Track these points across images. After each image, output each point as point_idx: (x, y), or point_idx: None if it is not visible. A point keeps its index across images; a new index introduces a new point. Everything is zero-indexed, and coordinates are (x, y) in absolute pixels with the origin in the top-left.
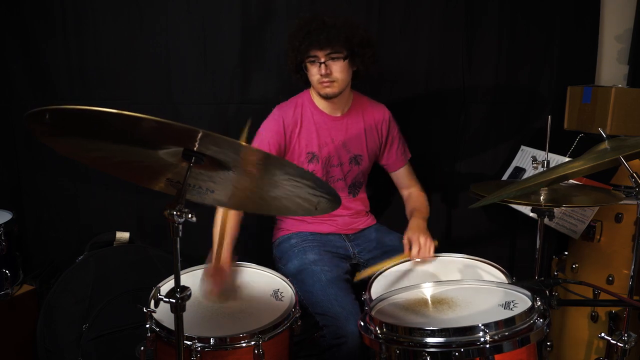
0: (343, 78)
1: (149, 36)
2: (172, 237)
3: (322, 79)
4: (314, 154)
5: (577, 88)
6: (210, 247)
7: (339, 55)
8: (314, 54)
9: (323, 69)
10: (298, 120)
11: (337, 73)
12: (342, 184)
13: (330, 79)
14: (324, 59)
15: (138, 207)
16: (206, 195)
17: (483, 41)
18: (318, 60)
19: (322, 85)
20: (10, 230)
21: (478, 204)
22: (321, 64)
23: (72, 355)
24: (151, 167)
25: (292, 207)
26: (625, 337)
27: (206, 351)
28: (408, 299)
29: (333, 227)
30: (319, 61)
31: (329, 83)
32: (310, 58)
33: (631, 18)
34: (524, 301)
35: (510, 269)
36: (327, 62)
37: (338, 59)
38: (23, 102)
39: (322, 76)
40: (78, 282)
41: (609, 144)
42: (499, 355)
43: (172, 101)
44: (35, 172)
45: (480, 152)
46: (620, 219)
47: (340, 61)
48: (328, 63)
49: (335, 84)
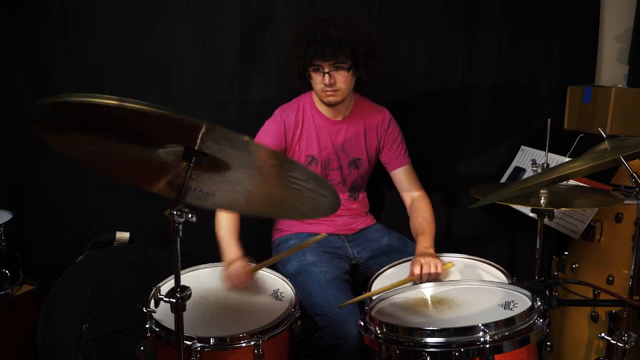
0: (346, 87)
1: (149, 36)
2: (173, 237)
3: (325, 88)
4: (314, 157)
5: (577, 88)
6: (211, 247)
7: (343, 65)
8: (318, 64)
9: (327, 79)
10: (299, 123)
11: (340, 83)
12: (341, 187)
13: (334, 88)
14: (328, 69)
15: (138, 207)
16: (207, 199)
17: (483, 41)
18: (322, 70)
19: (326, 94)
20: (10, 230)
21: (478, 204)
22: (325, 73)
23: (72, 355)
24: (151, 168)
25: (291, 211)
26: (625, 337)
27: (206, 351)
28: (408, 299)
29: (332, 228)
30: (323, 71)
31: (332, 92)
32: (314, 67)
33: (631, 18)
34: (524, 301)
35: (510, 269)
36: (332, 72)
37: (342, 69)
38: (23, 102)
39: (325, 85)
40: (78, 282)
41: (609, 144)
42: (499, 355)
43: (172, 101)
44: (35, 172)
45: (480, 152)
46: (620, 219)
47: (344, 71)
48: (332, 73)
49: (338, 93)
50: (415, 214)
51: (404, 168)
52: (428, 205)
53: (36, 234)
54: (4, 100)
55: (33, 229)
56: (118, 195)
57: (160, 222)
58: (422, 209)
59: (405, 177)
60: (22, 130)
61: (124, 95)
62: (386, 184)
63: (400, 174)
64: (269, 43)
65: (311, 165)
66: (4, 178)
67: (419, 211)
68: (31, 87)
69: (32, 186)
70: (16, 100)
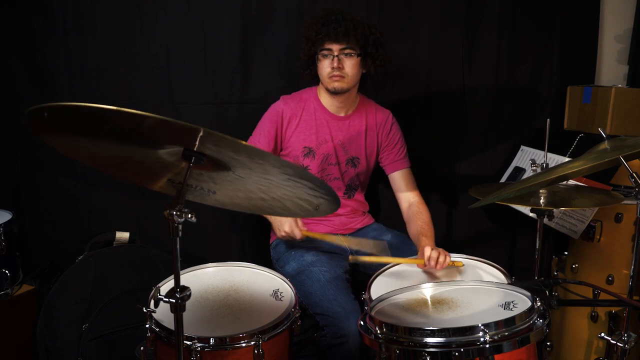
0: (353, 75)
1: (149, 36)
2: (172, 237)
3: (332, 72)
4: (311, 149)
5: (577, 88)
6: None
7: (352, 52)
8: (329, 47)
9: (335, 62)
10: (298, 113)
11: (348, 69)
12: (339, 183)
13: (341, 73)
14: (337, 53)
15: (138, 207)
16: (208, 197)
17: (483, 41)
18: (331, 53)
19: (332, 79)
20: (10, 230)
21: (478, 204)
22: (334, 57)
23: (72, 355)
24: (151, 167)
25: (292, 208)
26: (625, 337)
27: (206, 351)
28: (408, 299)
29: (330, 228)
30: (332, 54)
31: (339, 77)
32: (324, 51)
33: (631, 18)
34: (523, 301)
35: (510, 269)
36: (340, 57)
37: (351, 55)
38: (23, 102)
39: (333, 69)
40: (78, 282)
41: (609, 144)
42: (498, 355)
43: (172, 101)
44: (35, 172)
45: (480, 152)
46: (620, 219)
47: (353, 57)
48: (341, 57)
49: (344, 80)
50: (415, 218)
51: (402, 171)
52: (426, 210)
53: (36, 234)
54: (4, 100)
55: (33, 229)
56: (118, 195)
57: (160, 222)
58: (422, 213)
59: (403, 181)
60: (22, 130)
61: (124, 95)
62: (383, 184)
63: (399, 177)
64: (269, 43)
65: (308, 156)
66: (4, 178)
67: (418, 215)
68: (31, 86)
69: (32, 186)
70: (16, 100)
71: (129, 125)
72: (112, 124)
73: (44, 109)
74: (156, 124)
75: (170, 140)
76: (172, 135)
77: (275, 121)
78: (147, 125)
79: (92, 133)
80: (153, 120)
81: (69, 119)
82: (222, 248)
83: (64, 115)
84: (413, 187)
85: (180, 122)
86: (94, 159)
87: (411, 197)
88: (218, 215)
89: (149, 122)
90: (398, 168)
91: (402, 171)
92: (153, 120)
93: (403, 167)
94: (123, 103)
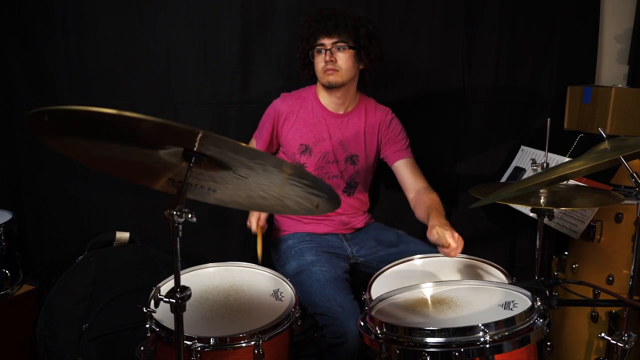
0: (347, 68)
1: (149, 36)
2: (172, 237)
3: (326, 66)
4: (307, 146)
5: (577, 88)
6: (211, 247)
7: (344, 44)
8: (321, 42)
9: (328, 56)
10: (295, 111)
11: (341, 62)
12: (338, 181)
13: (334, 67)
14: (329, 47)
15: (138, 207)
16: (208, 195)
17: (483, 41)
18: (324, 47)
19: (326, 73)
20: (10, 230)
21: (478, 204)
22: (327, 50)
23: (72, 355)
24: (152, 167)
25: (293, 207)
26: (625, 337)
27: (206, 351)
28: (408, 299)
29: (329, 227)
30: (325, 49)
31: (332, 71)
32: (318, 47)
33: (631, 18)
34: (524, 301)
35: (510, 269)
36: (333, 50)
37: (344, 48)
38: (23, 102)
39: (326, 63)
40: (78, 282)
41: (609, 144)
42: (499, 355)
43: (172, 101)
44: (35, 172)
45: (480, 152)
46: (620, 219)
47: (346, 50)
48: (333, 51)
49: (338, 73)
50: (424, 198)
51: (406, 160)
52: (436, 194)
53: (36, 234)
54: (4, 100)
55: (33, 229)
56: (118, 195)
57: (160, 222)
58: (431, 194)
59: (408, 169)
60: (22, 130)
61: (124, 95)
62: (383, 180)
63: (403, 167)
64: (269, 43)
65: (304, 154)
66: (4, 178)
67: (428, 194)
68: (31, 86)
69: (32, 186)
70: (16, 100)
71: (128, 127)
72: (112, 127)
73: (45, 112)
74: (155, 126)
75: (170, 141)
76: (172, 136)
77: (273, 118)
78: (147, 128)
79: (92, 135)
80: (152, 123)
81: (68, 122)
82: (222, 248)
83: (63, 119)
84: (419, 176)
85: (179, 124)
86: (94, 160)
87: (418, 184)
88: (218, 215)
89: (147, 124)
90: (401, 157)
91: (405, 160)
92: (152, 123)
93: (406, 157)
94: (123, 103)
